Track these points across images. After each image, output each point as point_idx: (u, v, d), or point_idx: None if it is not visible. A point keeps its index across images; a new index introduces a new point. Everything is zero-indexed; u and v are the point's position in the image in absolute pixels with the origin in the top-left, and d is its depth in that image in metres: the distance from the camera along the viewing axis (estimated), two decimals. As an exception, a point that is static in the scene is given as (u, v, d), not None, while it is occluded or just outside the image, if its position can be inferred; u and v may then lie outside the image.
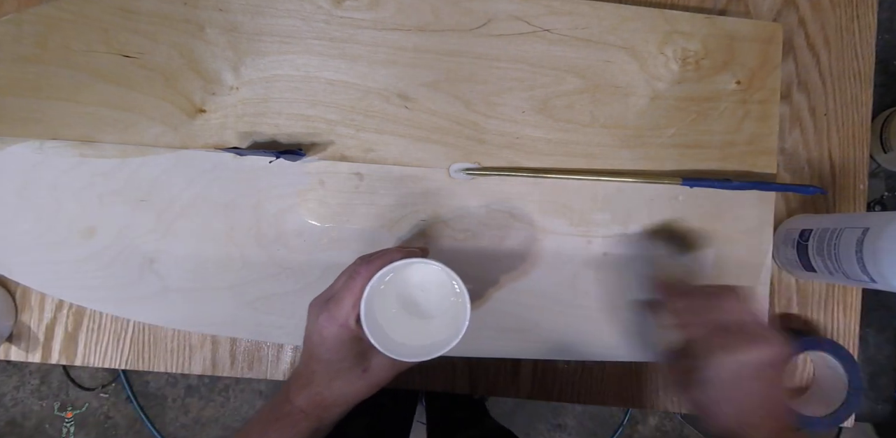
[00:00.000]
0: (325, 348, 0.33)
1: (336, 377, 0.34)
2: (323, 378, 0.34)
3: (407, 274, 0.36)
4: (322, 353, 0.34)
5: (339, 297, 0.33)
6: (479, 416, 0.83)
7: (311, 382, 0.34)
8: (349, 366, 0.34)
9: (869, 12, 0.50)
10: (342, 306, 0.33)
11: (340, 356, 0.34)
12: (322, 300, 0.34)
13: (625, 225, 0.45)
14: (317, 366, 0.34)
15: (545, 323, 0.44)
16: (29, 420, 1.24)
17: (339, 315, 0.33)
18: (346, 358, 0.34)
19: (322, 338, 0.33)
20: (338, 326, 0.33)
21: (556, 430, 1.26)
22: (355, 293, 0.33)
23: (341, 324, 0.33)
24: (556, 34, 0.45)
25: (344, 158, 0.43)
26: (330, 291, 0.35)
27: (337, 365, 0.34)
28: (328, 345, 0.33)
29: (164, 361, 0.46)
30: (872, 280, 0.38)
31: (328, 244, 0.43)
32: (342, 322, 0.33)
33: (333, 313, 0.33)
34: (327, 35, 0.43)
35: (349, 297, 0.33)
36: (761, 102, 0.46)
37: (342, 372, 0.34)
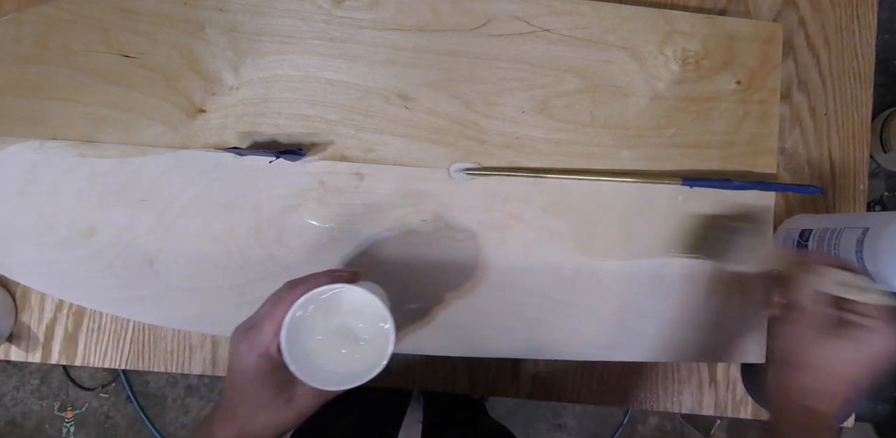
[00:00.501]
0: (246, 379, 0.32)
1: (259, 408, 0.32)
2: (245, 409, 0.32)
3: (339, 298, 0.35)
4: (243, 384, 0.32)
5: (260, 325, 0.32)
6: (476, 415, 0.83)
7: (234, 414, 0.32)
8: (272, 397, 0.32)
9: (869, 12, 0.50)
10: (263, 334, 0.31)
11: (262, 386, 0.32)
12: (244, 327, 0.33)
13: (624, 226, 0.45)
14: (238, 398, 0.32)
15: (545, 323, 0.44)
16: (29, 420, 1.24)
17: (260, 343, 0.31)
18: (268, 389, 0.32)
19: (242, 368, 0.32)
20: (258, 355, 0.31)
21: (556, 430, 1.26)
22: (277, 320, 0.31)
23: (261, 353, 0.31)
24: (556, 34, 0.45)
25: (344, 158, 0.43)
26: (252, 318, 0.33)
27: (259, 396, 0.32)
28: (249, 376, 0.32)
29: (164, 361, 0.46)
30: (872, 280, 0.38)
31: (328, 244, 0.43)
32: (262, 350, 0.31)
33: (254, 341, 0.31)
34: (327, 35, 0.43)
35: (270, 325, 0.31)
36: (761, 102, 0.46)
37: (265, 403, 0.32)
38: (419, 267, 0.43)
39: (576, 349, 0.44)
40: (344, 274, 0.35)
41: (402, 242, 0.43)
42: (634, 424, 1.27)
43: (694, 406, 0.48)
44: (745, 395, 0.48)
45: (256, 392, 0.32)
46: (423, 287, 0.43)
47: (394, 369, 0.47)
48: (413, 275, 0.43)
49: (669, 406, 0.48)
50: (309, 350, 0.33)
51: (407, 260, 0.43)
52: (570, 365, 0.48)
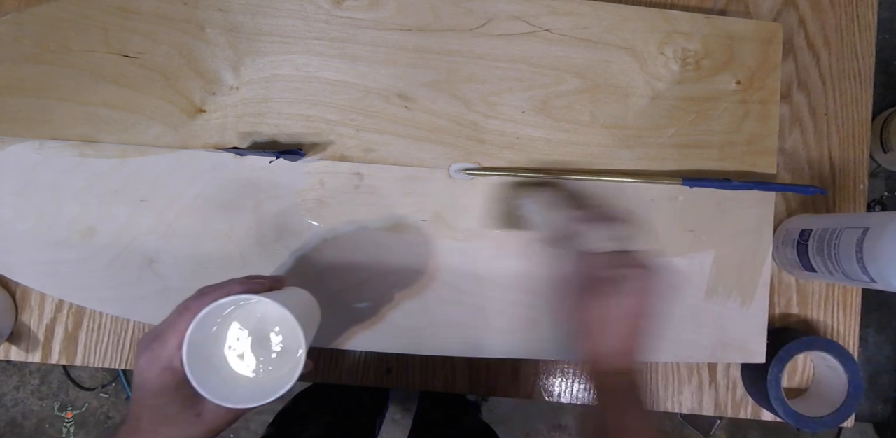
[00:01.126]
0: (147, 392, 0.30)
1: (164, 423, 0.30)
2: (149, 424, 0.30)
3: (259, 307, 0.33)
4: (146, 398, 0.30)
5: (164, 336, 0.30)
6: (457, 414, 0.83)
7: (138, 429, 0.30)
8: (177, 411, 0.30)
9: (869, 12, 0.50)
10: (166, 346, 0.29)
11: (166, 401, 0.30)
12: (149, 338, 0.31)
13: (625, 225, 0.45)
14: (142, 411, 0.31)
15: (545, 322, 0.44)
16: (29, 420, 1.24)
17: (163, 355, 0.30)
18: (172, 403, 0.30)
19: (144, 381, 0.30)
20: (160, 368, 0.29)
21: (556, 430, 1.26)
22: (181, 331, 0.29)
23: (164, 367, 0.30)
24: (556, 34, 0.45)
25: (344, 158, 0.43)
26: (158, 328, 0.31)
27: (163, 411, 0.30)
28: (151, 389, 0.30)
29: (164, 361, 0.46)
30: (872, 280, 0.38)
31: (328, 244, 0.43)
32: (165, 364, 0.30)
33: (156, 353, 0.30)
34: (327, 35, 0.43)
35: (173, 336, 0.29)
36: (761, 102, 0.46)
37: (170, 418, 0.30)
38: (419, 267, 0.43)
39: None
40: (262, 282, 0.33)
41: (403, 242, 0.43)
42: (634, 424, 1.27)
43: (694, 406, 0.48)
44: (745, 395, 0.48)
45: (161, 407, 0.30)
46: (423, 287, 0.43)
47: (394, 369, 0.47)
48: (413, 275, 0.43)
49: (669, 406, 0.48)
50: (217, 363, 0.31)
51: (407, 260, 0.43)
52: (569, 365, 0.47)
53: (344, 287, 0.43)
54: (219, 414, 0.31)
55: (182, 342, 0.29)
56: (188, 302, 0.31)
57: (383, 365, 0.47)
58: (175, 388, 0.30)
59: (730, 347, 0.45)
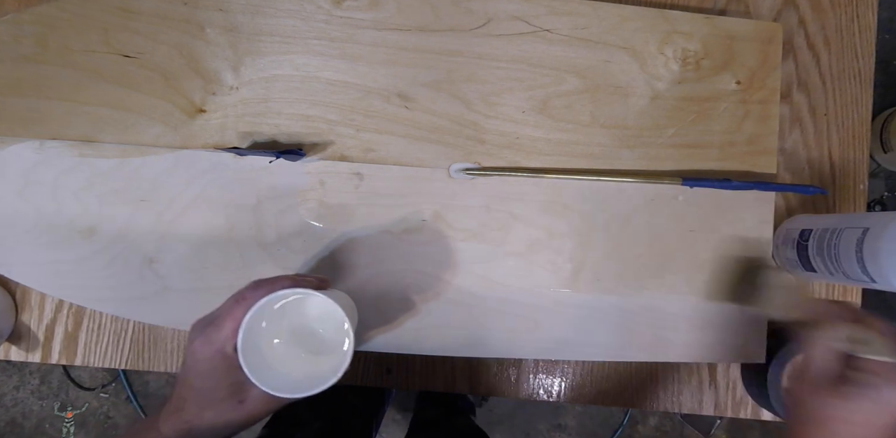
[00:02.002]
0: (197, 374, 0.31)
1: (208, 406, 0.31)
2: (194, 406, 0.31)
3: (305, 303, 0.34)
4: (194, 379, 0.31)
5: (220, 322, 0.31)
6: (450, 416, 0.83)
7: (181, 409, 0.31)
8: (223, 396, 0.31)
9: (869, 12, 0.50)
10: (221, 331, 0.30)
11: (213, 384, 0.31)
12: (203, 322, 0.32)
13: (624, 225, 0.45)
14: (188, 393, 0.31)
15: (545, 322, 0.44)
16: (29, 420, 1.24)
17: (216, 340, 0.30)
18: (219, 387, 0.31)
19: (195, 364, 0.31)
20: (212, 352, 0.30)
21: (556, 430, 1.26)
22: (236, 319, 0.30)
23: (217, 350, 0.30)
24: (556, 34, 0.45)
25: (344, 158, 0.43)
26: (213, 313, 0.32)
27: (209, 394, 0.31)
28: (200, 371, 0.31)
29: (164, 361, 0.46)
30: (872, 280, 0.38)
31: (328, 244, 0.43)
32: (218, 347, 0.30)
33: (211, 337, 0.30)
34: (327, 35, 0.43)
35: (230, 322, 0.30)
36: (761, 102, 0.46)
37: (215, 402, 0.31)
38: (419, 267, 0.43)
39: (576, 349, 0.44)
40: (311, 280, 0.34)
41: (403, 242, 0.43)
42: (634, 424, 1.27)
43: (694, 406, 0.48)
44: (745, 395, 0.48)
45: (207, 390, 0.31)
46: (422, 286, 0.43)
47: (394, 369, 0.47)
48: (413, 275, 0.43)
49: (669, 406, 0.48)
50: (266, 353, 0.32)
51: (407, 261, 0.43)
52: (570, 365, 0.47)
53: (344, 287, 0.43)
54: (260, 403, 0.32)
55: (236, 329, 0.30)
56: (244, 292, 0.32)
57: (383, 365, 0.47)
58: (225, 373, 0.31)
59: (730, 347, 0.45)
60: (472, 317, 0.43)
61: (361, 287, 0.43)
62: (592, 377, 0.48)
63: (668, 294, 0.45)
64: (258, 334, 0.32)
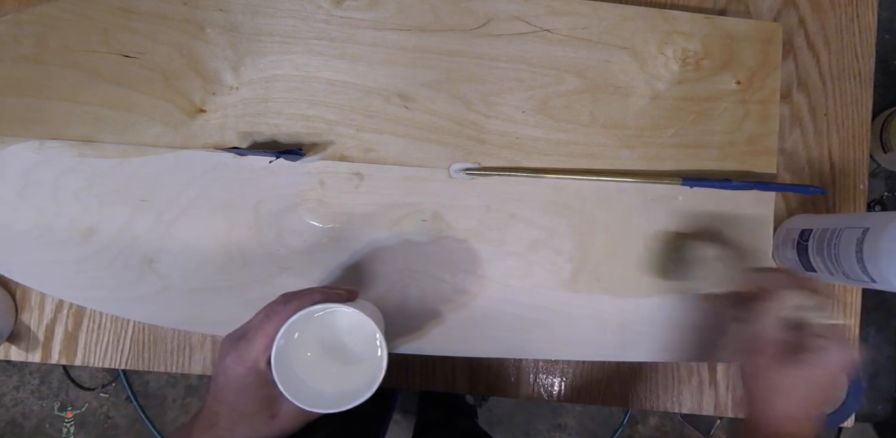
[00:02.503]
0: (229, 390, 0.31)
1: (240, 421, 0.31)
2: (226, 421, 0.31)
3: (333, 316, 0.34)
4: (226, 395, 0.31)
5: (251, 337, 0.31)
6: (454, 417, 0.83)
7: (215, 425, 0.32)
8: (255, 411, 0.31)
9: (869, 12, 0.50)
10: (253, 347, 0.30)
11: (246, 400, 0.31)
12: (234, 337, 0.32)
13: (624, 225, 0.45)
14: (220, 408, 0.32)
15: (545, 322, 0.44)
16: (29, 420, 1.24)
17: (249, 356, 0.30)
18: (251, 403, 0.31)
19: (227, 379, 0.31)
20: (245, 368, 0.30)
21: (556, 430, 1.26)
22: (269, 334, 0.30)
23: (249, 367, 0.30)
24: (556, 34, 0.45)
25: (344, 158, 0.43)
26: (244, 328, 0.32)
27: (242, 409, 0.31)
28: (233, 387, 0.31)
29: (164, 361, 0.46)
30: (872, 280, 0.38)
31: (328, 244, 0.43)
32: (250, 364, 0.30)
33: (242, 353, 0.30)
34: (327, 35, 0.43)
35: (262, 338, 0.30)
36: (761, 102, 0.46)
37: (247, 417, 0.31)
38: (419, 267, 0.43)
39: (576, 349, 0.44)
40: (340, 293, 0.34)
41: (403, 242, 0.43)
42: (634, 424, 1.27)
43: (694, 406, 0.48)
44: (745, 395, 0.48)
45: (240, 406, 0.31)
46: (422, 287, 0.43)
47: (394, 369, 0.47)
48: (413, 276, 0.43)
49: (669, 406, 0.48)
50: (297, 367, 0.32)
51: (407, 261, 0.43)
52: (570, 365, 0.47)
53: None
54: (292, 418, 0.32)
55: (268, 344, 0.30)
56: (274, 307, 0.31)
57: (383, 365, 0.47)
58: (257, 388, 0.31)
59: (730, 347, 0.45)
60: (472, 317, 0.43)
61: (360, 287, 0.43)
62: (592, 377, 0.48)
63: (668, 294, 0.45)
64: (290, 349, 0.32)
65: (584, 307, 0.44)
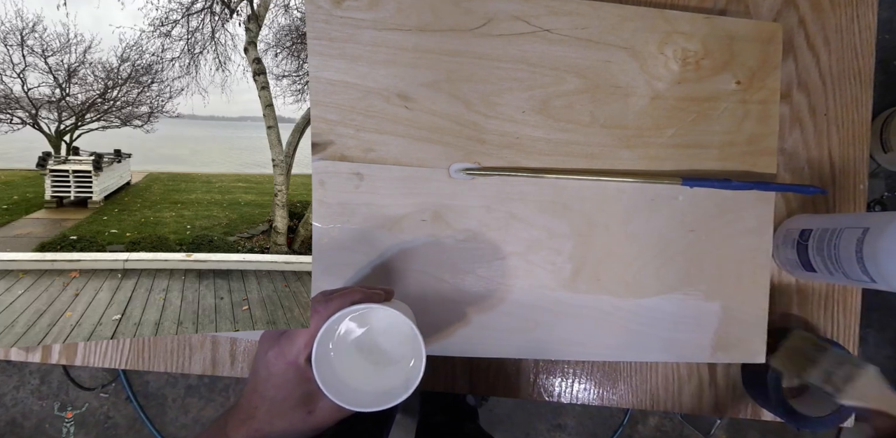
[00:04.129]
0: (270, 384, 0.32)
1: (279, 415, 0.32)
2: (265, 415, 0.32)
3: (369, 316, 0.35)
4: (267, 390, 0.32)
5: (292, 334, 0.32)
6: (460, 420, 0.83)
7: (252, 417, 0.32)
8: (293, 406, 0.32)
9: (869, 12, 0.50)
10: (294, 343, 0.31)
11: (286, 395, 0.32)
12: (275, 334, 0.33)
13: (624, 225, 0.45)
14: (259, 402, 0.32)
15: (545, 322, 0.44)
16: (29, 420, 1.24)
17: (290, 352, 0.31)
18: (291, 398, 0.32)
19: (269, 374, 0.32)
20: (286, 364, 0.31)
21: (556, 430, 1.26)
22: (310, 331, 0.31)
23: (290, 362, 0.31)
24: (556, 34, 0.45)
25: (344, 158, 0.43)
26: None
27: (281, 404, 0.32)
28: (274, 382, 0.32)
29: (163, 361, 0.46)
30: (872, 280, 0.38)
31: (329, 244, 0.43)
32: (292, 360, 0.31)
33: (284, 349, 0.31)
34: (327, 35, 0.43)
35: (303, 335, 0.31)
36: (761, 102, 0.46)
37: (285, 412, 0.32)
38: (419, 266, 0.43)
39: (576, 349, 0.44)
40: (379, 292, 0.35)
41: (403, 242, 0.43)
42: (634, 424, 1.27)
43: (694, 406, 0.48)
44: (745, 395, 0.48)
45: (279, 400, 0.32)
46: (423, 287, 0.43)
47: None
48: (413, 276, 0.43)
49: (669, 406, 0.48)
50: (335, 365, 0.33)
51: (407, 261, 0.43)
52: (570, 365, 0.47)
53: (342, 286, 0.43)
54: (328, 413, 0.33)
55: (309, 341, 0.31)
56: (315, 305, 0.32)
57: (383, 365, 0.47)
58: (297, 384, 0.32)
59: (730, 347, 0.45)
60: (472, 317, 0.43)
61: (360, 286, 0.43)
62: (592, 377, 0.48)
63: (668, 293, 0.45)
64: (328, 347, 0.32)
65: (583, 307, 0.44)
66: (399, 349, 0.35)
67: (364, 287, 0.35)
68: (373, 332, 0.35)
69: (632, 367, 0.48)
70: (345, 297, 0.32)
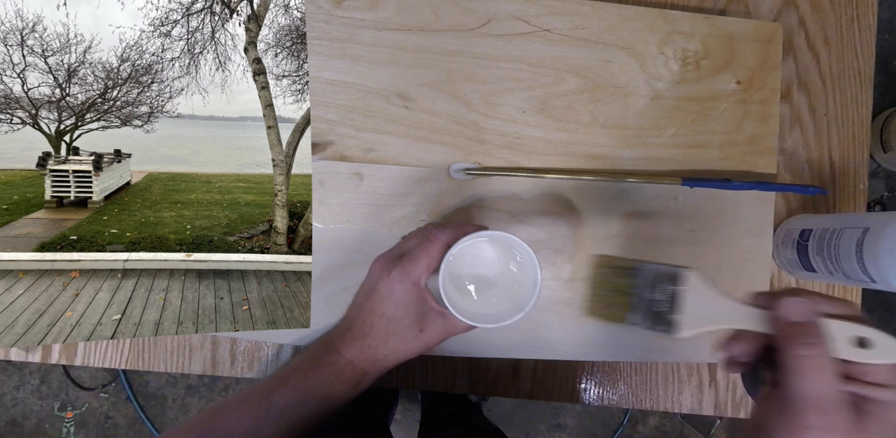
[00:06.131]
0: (392, 302, 0.34)
1: (393, 333, 0.34)
2: (380, 332, 0.34)
3: (467, 248, 0.37)
4: (387, 308, 0.34)
5: (415, 256, 0.34)
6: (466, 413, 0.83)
7: (367, 335, 0.34)
8: (409, 325, 0.34)
9: (869, 12, 0.50)
10: (417, 265, 0.33)
11: (405, 313, 0.34)
12: (393, 256, 0.35)
13: (624, 226, 0.45)
14: (376, 320, 0.34)
15: (545, 322, 0.44)
16: (29, 420, 1.24)
17: (414, 273, 0.33)
18: (408, 316, 0.34)
19: (391, 293, 0.34)
20: (411, 283, 0.33)
21: (556, 430, 1.26)
22: (432, 255, 0.33)
23: (414, 282, 0.33)
24: (556, 34, 0.45)
25: (344, 158, 0.43)
26: (400, 249, 0.35)
27: (398, 322, 0.34)
28: (396, 300, 0.34)
29: (163, 361, 0.46)
30: (872, 280, 0.38)
31: (329, 244, 0.43)
32: (415, 279, 0.33)
33: (408, 270, 0.33)
34: (327, 35, 0.43)
35: (424, 258, 0.33)
36: (761, 102, 0.46)
37: (400, 329, 0.34)
38: (419, 267, 0.43)
39: (576, 349, 0.44)
40: (483, 226, 0.36)
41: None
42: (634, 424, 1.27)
43: (694, 406, 0.48)
44: (745, 395, 0.48)
45: (396, 319, 0.34)
46: (423, 287, 0.43)
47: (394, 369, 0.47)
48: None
49: (669, 406, 0.48)
50: (447, 290, 0.34)
51: (407, 260, 0.43)
52: (569, 365, 0.47)
53: (344, 286, 0.43)
54: (437, 333, 0.35)
55: (430, 264, 0.34)
56: (429, 233, 0.34)
57: (383, 365, 0.47)
58: (416, 304, 0.34)
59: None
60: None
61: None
62: (592, 377, 0.48)
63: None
64: (447, 270, 0.34)
65: (584, 307, 0.44)
66: (495, 275, 0.38)
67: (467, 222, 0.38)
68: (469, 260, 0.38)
69: (632, 367, 0.48)
70: (460, 228, 0.34)
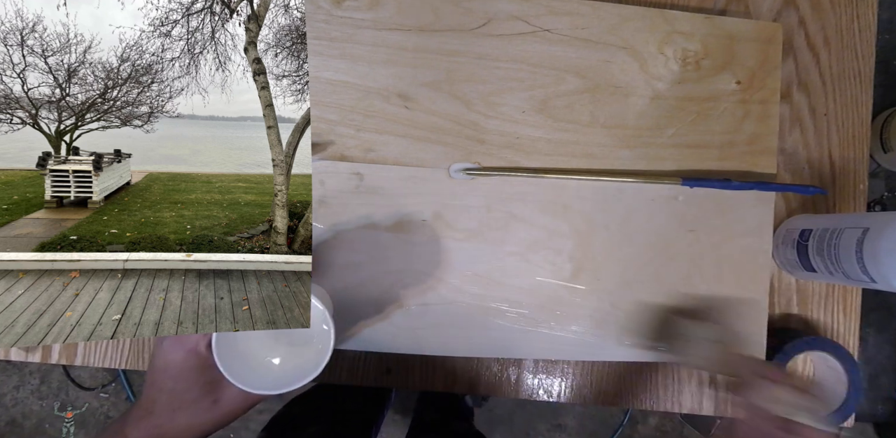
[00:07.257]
0: (167, 375, 0.30)
1: (180, 408, 0.30)
2: (165, 408, 0.30)
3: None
4: (164, 381, 0.30)
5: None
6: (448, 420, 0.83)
7: (151, 413, 0.30)
8: (196, 397, 0.30)
9: (869, 12, 0.50)
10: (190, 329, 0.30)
11: (186, 385, 0.30)
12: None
13: (624, 225, 0.45)
14: (158, 395, 0.30)
15: (545, 322, 0.44)
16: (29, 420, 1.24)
17: (189, 339, 0.30)
18: (192, 388, 0.30)
19: (165, 364, 0.30)
20: (185, 352, 0.30)
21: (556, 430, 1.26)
22: None
23: (189, 350, 0.30)
24: (556, 34, 0.45)
25: (344, 158, 0.43)
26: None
27: (181, 395, 0.30)
28: (172, 373, 0.30)
29: (164, 361, 0.46)
30: (872, 280, 0.38)
31: (329, 244, 0.43)
32: (190, 347, 0.30)
33: (181, 337, 0.30)
34: (327, 35, 0.43)
35: None
36: (761, 102, 0.46)
37: (187, 403, 0.30)
38: (419, 266, 0.43)
39: (575, 349, 0.44)
40: None
41: (403, 242, 0.43)
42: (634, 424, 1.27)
43: (694, 406, 0.48)
44: (745, 395, 0.48)
45: (179, 391, 0.30)
46: (422, 287, 0.43)
47: (393, 369, 0.47)
48: (413, 275, 0.43)
49: (669, 406, 0.48)
50: (242, 348, 0.31)
51: (407, 260, 0.43)
52: (570, 365, 0.47)
53: (344, 286, 0.43)
54: (236, 401, 0.31)
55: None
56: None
57: (383, 365, 0.47)
58: (197, 372, 0.30)
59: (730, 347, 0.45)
60: (472, 317, 0.43)
61: (361, 286, 0.43)
62: (592, 377, 0.48)
63: (668, 293, 0.45)
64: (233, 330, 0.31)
65: (583, 307, 0.44)
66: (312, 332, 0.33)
67: None
68: None
69: (632, 367, 0.48)
70: None
